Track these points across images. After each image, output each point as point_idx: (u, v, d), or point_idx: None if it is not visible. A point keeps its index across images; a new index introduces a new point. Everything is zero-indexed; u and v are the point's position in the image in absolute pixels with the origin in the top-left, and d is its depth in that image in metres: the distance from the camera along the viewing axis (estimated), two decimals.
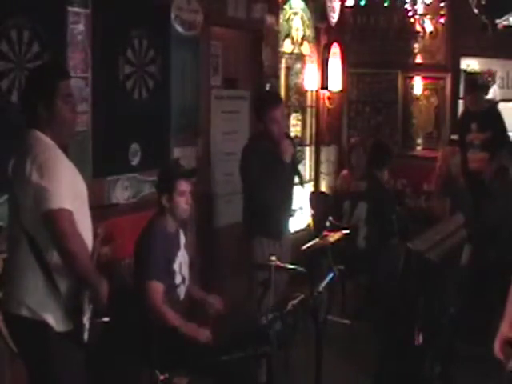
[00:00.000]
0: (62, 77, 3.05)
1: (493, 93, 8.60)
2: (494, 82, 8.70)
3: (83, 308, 2.91)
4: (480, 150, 6.62)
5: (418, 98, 8.62)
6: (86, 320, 2.93)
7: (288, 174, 4.70)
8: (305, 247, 4.27)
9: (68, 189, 2.87)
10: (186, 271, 3.97)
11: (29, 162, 2.85)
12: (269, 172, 4.55)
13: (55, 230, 2.82)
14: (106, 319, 3.09)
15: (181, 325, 3.71)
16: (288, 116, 7.33)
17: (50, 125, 2.95)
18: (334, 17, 7.89)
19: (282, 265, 4.00)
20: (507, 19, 7.82)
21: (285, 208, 4.83)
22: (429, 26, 8.31)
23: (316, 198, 7.56)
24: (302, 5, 7.39)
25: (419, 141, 8.67)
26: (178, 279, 3.88)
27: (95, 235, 3.11)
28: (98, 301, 2.98)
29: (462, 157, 6.34)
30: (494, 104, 7.44)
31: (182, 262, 3.93)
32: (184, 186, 3.88)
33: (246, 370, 3.84)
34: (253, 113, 5.45)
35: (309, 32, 7.58)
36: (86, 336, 2.94)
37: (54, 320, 2.89)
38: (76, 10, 4.31)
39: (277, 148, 4.57)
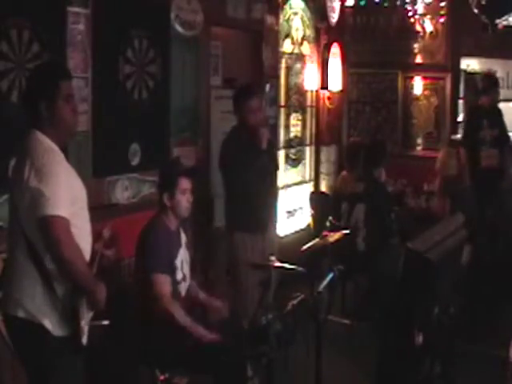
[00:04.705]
0: (65, 77, 3.03)
1: None
2: None
3: (81, 312, 2.89)
4: (491, 146, 6.63)
5: (417, 98, 8.62)
6: (84, 324, 2.91)
7: (266, 164, 4.81)
8: (305, 247, 4.27)
9: (66, 194, 2.84)
10: (186, 269, 3.98)
11: (28, 165, 2.82)
12: (246, 162, 4.67)
13: (50, 237, 2.78)
14: (105, 322, 3.08)
15: (188, 325, 3.70)
16: (288, 116, 7.34)
17: (51, 125, 2.93)
18: (334, 17, 7.90)
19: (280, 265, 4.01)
20: (507, 19, 7.84)
21: (264, 199, 4.89)
22: (429, 26, 8.32)
23: (316, 198, 7.56)
24: (302, 5, 7.40)
25: (419, 141, 8.67)
26: (179, 276, 3.88)
27: (99, 237, 3.10)
28: (96, 305, 2.96)
29: (472, 154, 6.31)
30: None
31: (183, 259, 3.94)
32: (185, 184, 3.89)
33: (246, 370, 3.83)
34: None
35: (309, 32, 7.58)
36: (84, 340, 2.92)
37: (51, 324, 2.87)
38: (76, 9, 4.32)
39: (253, 138, 4.70)
